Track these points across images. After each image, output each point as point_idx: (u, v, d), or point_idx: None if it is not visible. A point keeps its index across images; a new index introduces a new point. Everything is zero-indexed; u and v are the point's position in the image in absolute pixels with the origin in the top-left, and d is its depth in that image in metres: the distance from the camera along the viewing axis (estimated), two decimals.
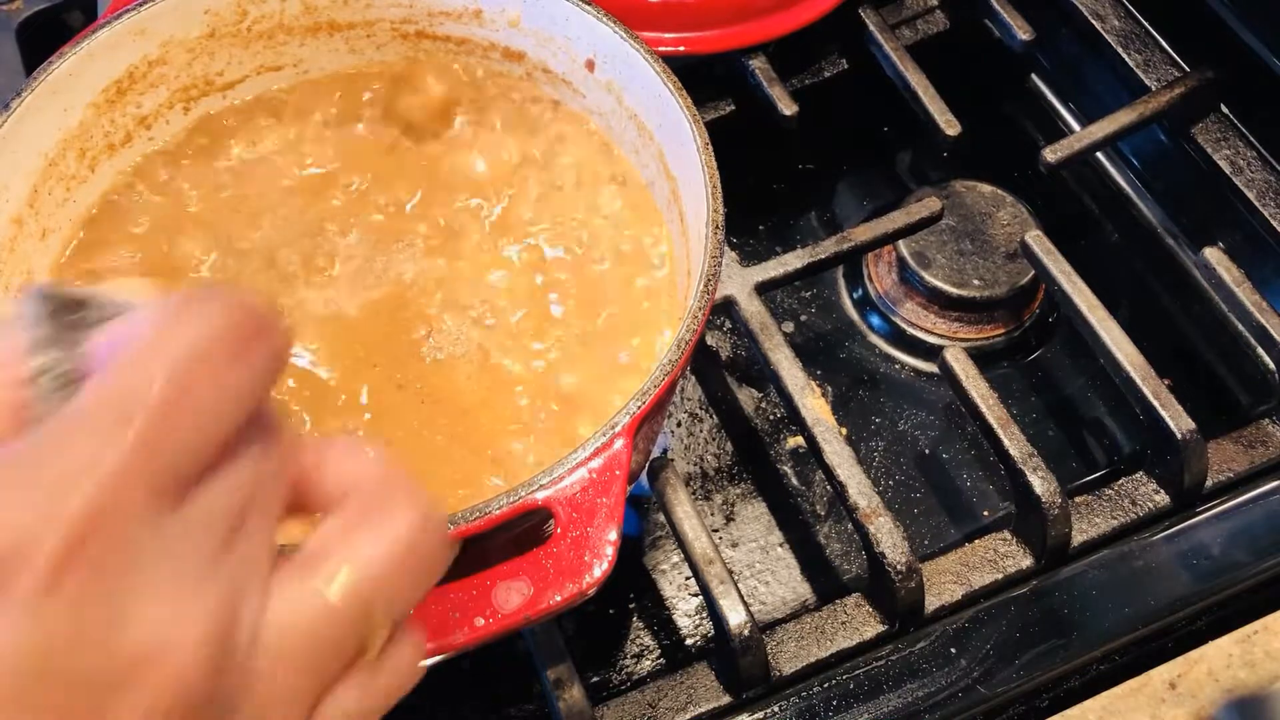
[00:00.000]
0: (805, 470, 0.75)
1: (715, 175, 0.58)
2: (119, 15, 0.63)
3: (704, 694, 0.62)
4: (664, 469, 0.65)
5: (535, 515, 0.49)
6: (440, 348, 0.61)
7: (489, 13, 0.67)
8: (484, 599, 0.47)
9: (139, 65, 0.65)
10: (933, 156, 0.89)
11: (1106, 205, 0.87)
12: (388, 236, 0.64)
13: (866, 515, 0.63)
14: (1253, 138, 0.79)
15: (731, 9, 0.80)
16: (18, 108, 0.60)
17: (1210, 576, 0.64)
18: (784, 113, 0.80)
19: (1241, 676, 0.60)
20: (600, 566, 0.48)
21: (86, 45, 0.62)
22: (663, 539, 0.72)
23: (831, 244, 0.74)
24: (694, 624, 0.70)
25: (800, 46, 0.84)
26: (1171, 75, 0.81)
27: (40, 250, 0.62)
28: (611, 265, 0.64)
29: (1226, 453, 0.68)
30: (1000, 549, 0.65)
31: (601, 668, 0.68)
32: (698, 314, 0.54)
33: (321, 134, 0.68)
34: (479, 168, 0.66)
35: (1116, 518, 0.66)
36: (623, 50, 0.63)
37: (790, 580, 0.71)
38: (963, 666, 0.62)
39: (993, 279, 0.79)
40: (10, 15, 0.87)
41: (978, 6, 0.86)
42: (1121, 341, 0.68)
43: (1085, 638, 0.62)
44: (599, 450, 0.50)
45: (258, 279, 0.63)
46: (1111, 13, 0.84)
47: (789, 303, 0.82)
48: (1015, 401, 0.77)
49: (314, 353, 0.60)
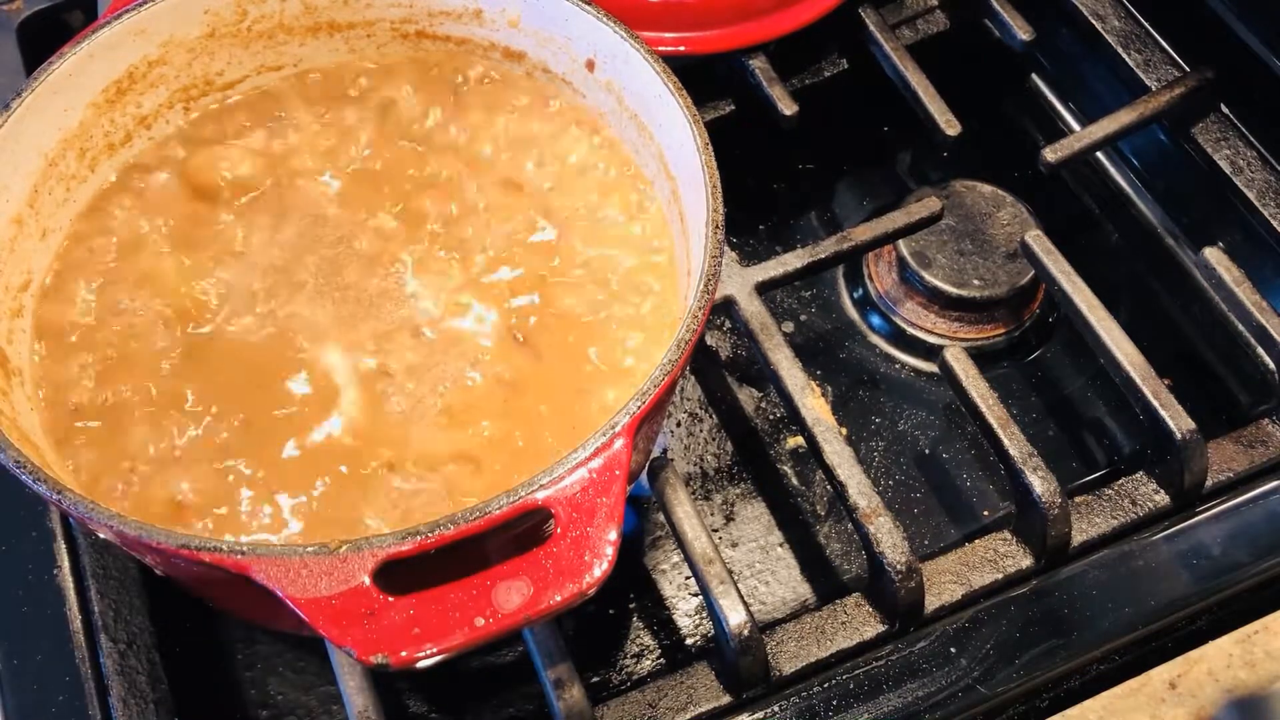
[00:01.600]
0: (805, 470, 0.75)
1: (715, 175, 0.58)
2: (119, 15, 0.63)
3: (704, 694, 0.62)
4: (664, 469, 0.65)
5: (535, 515, 0.49)
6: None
7: (489, 13, 0.67)
8: (484, 599, 0.47)
9: (139, 65, 0.65)
10: (933, 156, 0.89)
11: (1106, 205, 0.87)
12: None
13: (866, 515, 0.63)
14: (1253, 138, 0.79)
15: (731, 9, 0.80)
16: (18, 108, 0.60)
17: (1210, 576, 0.64)
18: (784, 113, 0.80)
19: (1241, 676, 0.60)
20: (600, 566, 0.48)
21: (86, 45, 0.62)
22: (663, 539, 0.72)
23: (831, 244, 0.74)
24: (694, 624, 0.70)
25: (800, 46, 0.84)
26: (1171, 75, 0.81)
27: (40, 250, 0.62)
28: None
29: (1226, 453, 0.68)
30: (1000, 549, 0.65)
31: (601, 668, 0.68)
32: (697, 314, 0.54)
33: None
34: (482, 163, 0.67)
35: (1116, 518, 0.66)
36: (623, 50, 0.63)
37: (790, 580, 0.71)
38: (963, 666, 0.62)
39: (993, 279, 0.79)
40: (10, 15, 0.87)
41: (978, 6, 0.86)
42: (1121, 341, 0.68)
43: (1085, 638, 0.62)
44: (599, 450, 0.50)
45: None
46: (1111, 13, 0.84)
47: (789, 303, 0.82)
48: (1015, 401, 0.77)
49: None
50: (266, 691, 0.67)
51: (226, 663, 0.68)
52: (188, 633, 0.68)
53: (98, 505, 0.49)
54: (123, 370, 0.60)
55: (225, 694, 0.67)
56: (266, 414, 0.59)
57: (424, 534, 0.48)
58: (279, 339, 0.61)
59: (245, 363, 0.60)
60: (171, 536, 0.49)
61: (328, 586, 0.47)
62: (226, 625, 0.69)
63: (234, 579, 0.48)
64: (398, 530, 0.48)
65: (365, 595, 0.47)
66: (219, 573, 0.48)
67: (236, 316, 0.62)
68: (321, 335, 0.61)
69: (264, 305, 0.62)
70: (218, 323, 0.61)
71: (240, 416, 0.59)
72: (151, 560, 0.56)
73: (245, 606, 0.61)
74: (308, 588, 0.47)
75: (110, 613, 0.64)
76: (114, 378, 0.59)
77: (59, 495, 0.50)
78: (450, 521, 0.48)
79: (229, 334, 0.61)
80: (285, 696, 0.67)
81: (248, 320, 0.61)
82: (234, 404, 0.59)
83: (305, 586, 0.47)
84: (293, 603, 0.47)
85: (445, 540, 0.48)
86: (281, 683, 0.68)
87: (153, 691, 0.62)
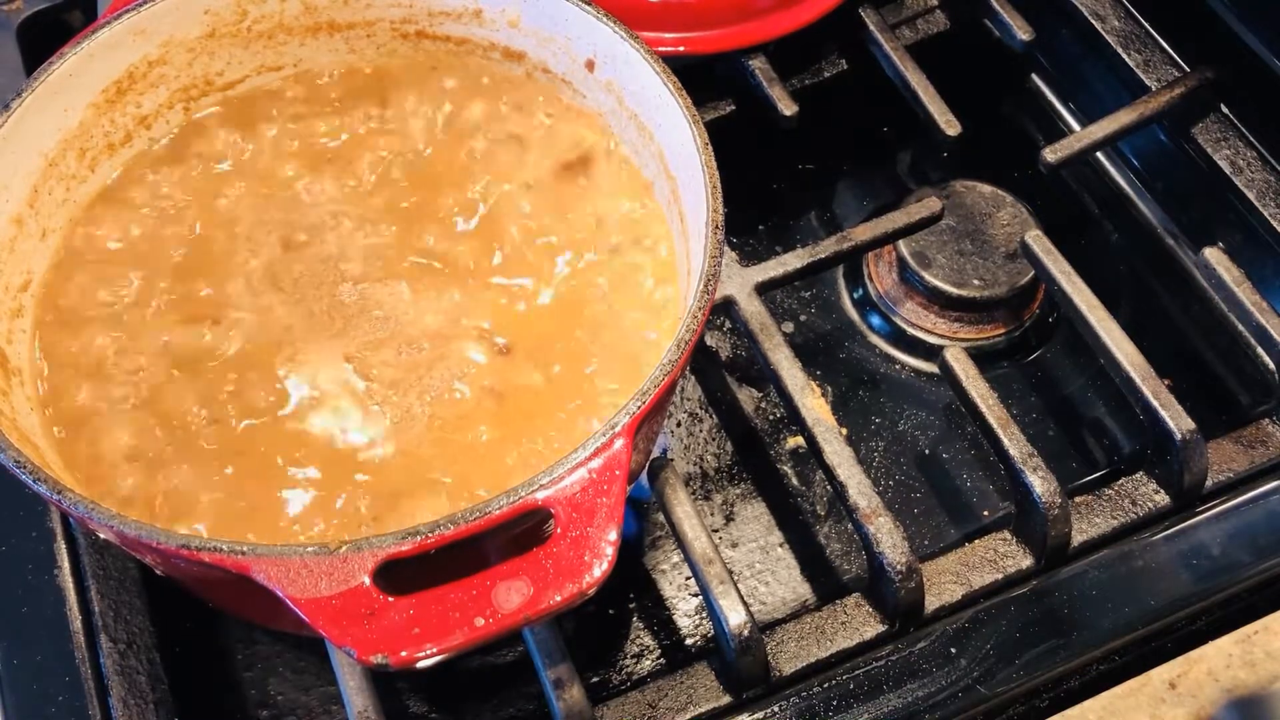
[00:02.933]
0: (805, 470, 0.75)
1: (715, 175, 0.58)
2: (119, 15, 0.63)
3: (704, 694, 0.62)
4: (664, 469, 0.65)
5: (535, 515, 0.49)
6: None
7: (489, 13, 0.67)
8: (484, 599, 0.47)
9: (139, 65, 0.65)
10: (933, 156, 0.89)
11: (1106, 205, 0.87)
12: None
13: (866, 515, 0.63)
14: (1253, 138, 0.79)
15: (731, 9, 0.80)
16: (18, 108, 0.60)
17: (1210, 576, 0.64)
18: (784, 113, 0.80)
19: (1241, 676, 0.60)
20: (600, 566, 0.48)
21: (86, 45, 0.62)
22: (663, 539, 0.72)
23: (831, 244, 0.74)
24: (694, 624, 0.70)
25: (800, 46, 0.84)
26: (1171, 75, 0.81)
27: (40, 250, 0.62)
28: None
29: (1226, 453, 0.68)
30: (1000, 549, 0.65)
31: (601, 668, 0.68)
32: (697, 314, 0.54)
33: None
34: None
35: (1116, 518, 0.66)
36: (623, 50, 0.63)
37: (790, 580, 0.71)
38: (963, 666, 0.62)
39: (993, 279, 0.79)
40: (10, 15, 0.87)
41: (978, 6, 0.86)
42: (1121, 341, 0.68)
43: (1085, 638, 0.62)
44: (599, 450, 0.50)
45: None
46: (1111, 13, 0.84)
47: (789, 303, 0.82)
48: (1015, 401, 0.77)
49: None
50: (266, 691, 0.67)
51: (226, 663, 0.68)
52: (188, 633, 0.68)
53: (98, 505, 0.49)
54: (115, 374, 0.60)
55: (225, 694, 0.67)
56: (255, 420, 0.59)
57: (424, 534, 0.48)
58: (267, 346, 0.61)
59: (235, 366, 0.60)
60: (171, 537, 0.49)
61: (328, 586, 0.47)
62: (226, 625, 0.69)
63: (234, 579, 0.48)
64: (398, 530, 0.48)
65: (365, 595, 0.47)
66: (219, 573, 0.48)
67: (228, 321, 0.62)
68: (307, 341, 0.61)
69: (248, 312, 0.62)
70: (209, 327, 0.61)
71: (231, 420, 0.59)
72: (151, 560, 0.56)
73: (245, 606, 0.61)
74: (308, 588, 0.47)
75: (110, 613, 0.64)
76: (108, 381, 0.59)
77: (59, 495, 0.50)
78: (450, 521, 0.48)
79: (219, 338, 0.61)
80: (285, 696, 0.67)
81: (234, 328, 0.61)
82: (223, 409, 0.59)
83: (305, 586, 0.47)
84: (293, 603, 0.47)
85: (445, 540, 0.48)
86: (281, 683, 0.68)
87: (153, 691, 0.62)
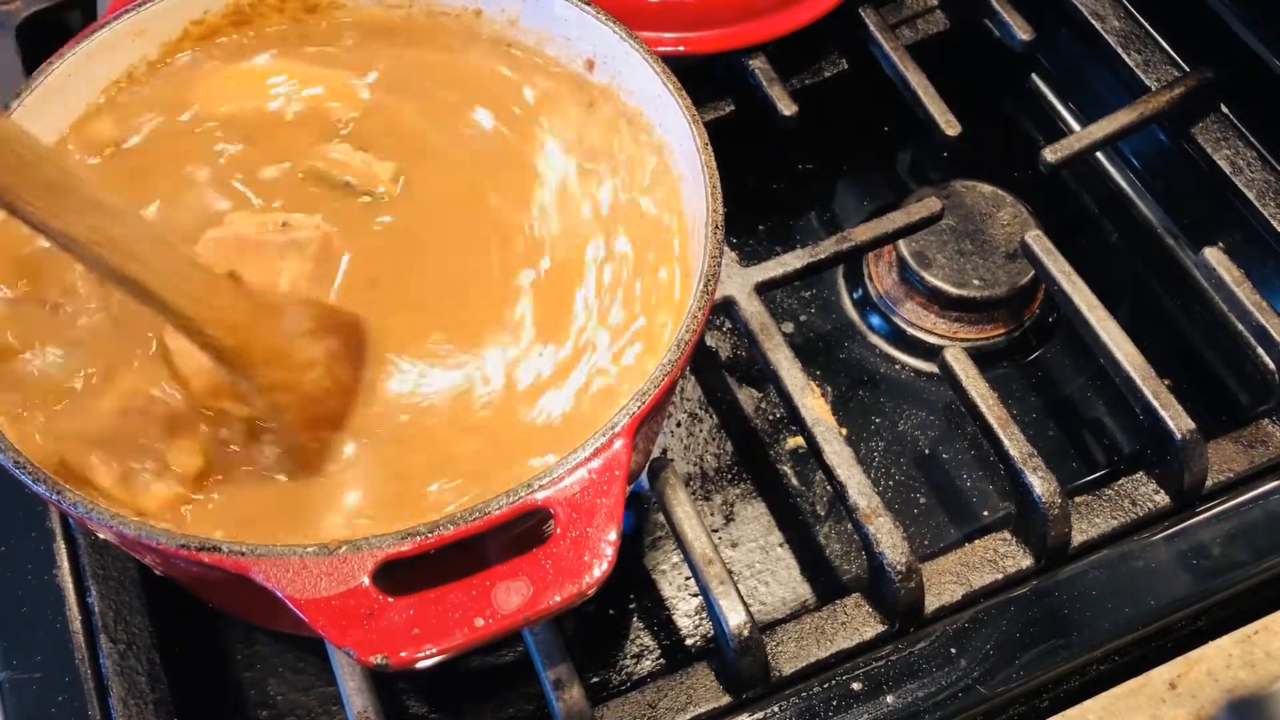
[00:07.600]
0: (805, 470, 0.75)
1: (715, 175, 0.58)
2: (119, 15, 0.63)
3: (704, 694, 0.62)
4: (664, 469, 0.65)
5: (535, 515, 0.49)
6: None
7: (489, 12, 0.67)
8: (484, 599, 0.47)
9: (139, 65, 0.65)
10: (933, 156, 0.89)
11: (1106, 205, 0.87)
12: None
13: (866, 515, 0.63)
14: (1253, 138, 0.79)
15: (731, 9, 0.80)
16: (18, 108, 0.60)
17: (1210, 576, 0.64)
18: (784, 113, 0.80)
19: (1241, 676, 0.60)
20: (600, 567, 0.48)
21: (86, 45, 0.62)
22: (663, 539, 0.72)
23: (831, 244, 0.74)
24: (694, 624, 0.70)
25: (800, 46, 0.84)
26: (1171, 75, 0.81)
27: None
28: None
29: (1226, 453, 0.68)
30: (1000, 549, 0.65)
31: (601, 668, 0.68)
32: (697, 314, 0.54)
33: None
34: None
35: (1116, 518, 0.66)
36: (623, 50, 0.63)
37: (790, 580, 0.71)
38: (963, 666, 0.62)
39: (993, 279, 0.79)
40: (10, 15, 0.87)
41: (978, 6, 0.86)
42: (1121, 341, 0.68)
43: (1085, 638, 0.62)
44: (599, 450, 0.50)
45: None
46: (1111, 13, 0.84)
47: (789, 303, 0.82)
48: (1015, 401, 0.77)
49: None
50: (266, 692, 0.67)
51: (226, 663, 0.68)
52: (188, 633, 0.68)
53: (97, 505, 0.49)
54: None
55: (225, 694, 0.67)
56: None
57: (424, 534, 0.48)
58: None
59: None
60: (171, 537, 0.49)
61: (327, 587, 0.47)
62: (226, 625, 0.69)
63: (234, 579, 0.48)
64: (398, 530, 0.48)
65: (365, 596, 0.47)
66: (218, 573, 0.48)
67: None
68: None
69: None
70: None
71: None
72: (151, 560, 0.56)
73: (245, 607, 0.61)
74: (307, 588, 0.47)
75: (110, 613, 0.64)
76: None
77: (59, 495, 0.50)
78: (450, 521, 0.48)
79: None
80: (285, 697, 0.67)
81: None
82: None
83: (305, 587, 0.47)
84: (292, 603, 0.47)
85: (445, 540, 0.48)
86: (281, 683, 0.68)
87: (153, 692, 0.62)
